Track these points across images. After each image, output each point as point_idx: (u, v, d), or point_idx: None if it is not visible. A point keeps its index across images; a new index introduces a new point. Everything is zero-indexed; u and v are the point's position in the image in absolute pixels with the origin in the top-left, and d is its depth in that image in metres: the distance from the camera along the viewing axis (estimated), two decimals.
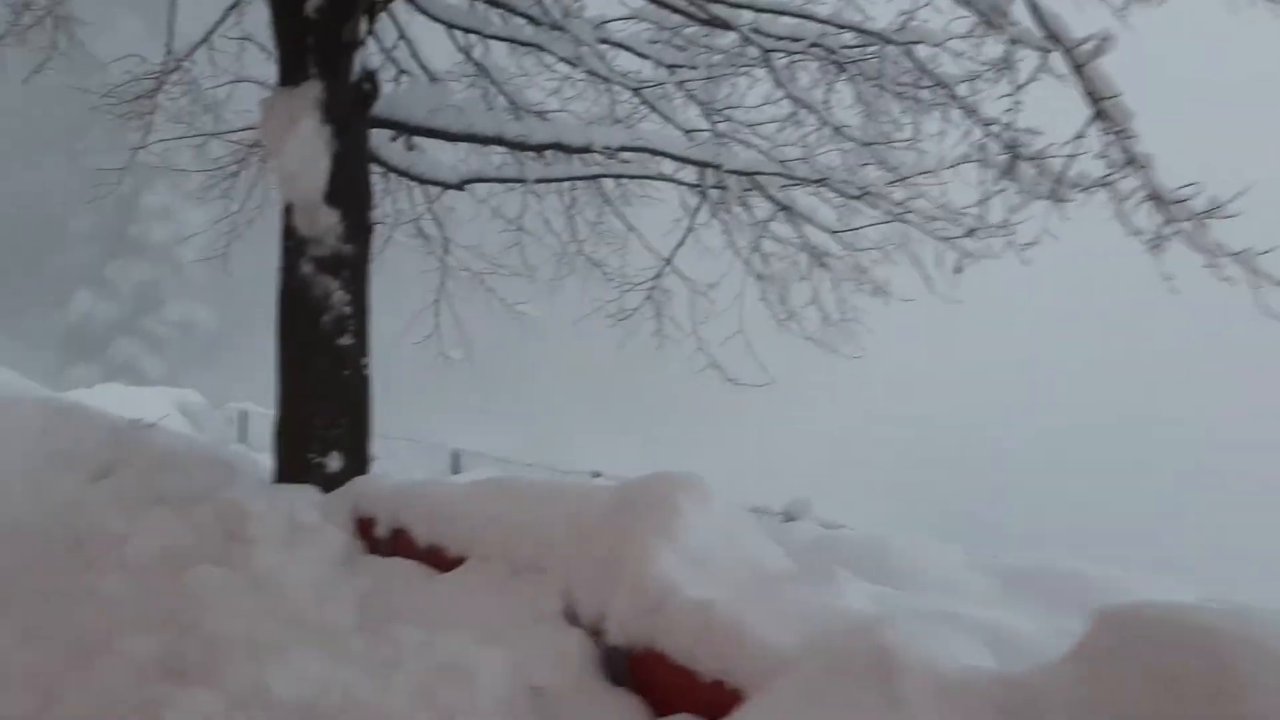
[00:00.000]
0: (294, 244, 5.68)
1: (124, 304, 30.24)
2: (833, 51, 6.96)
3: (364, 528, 4.49)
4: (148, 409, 13.15)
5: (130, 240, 30.20)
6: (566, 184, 8.56)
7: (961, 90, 6.23)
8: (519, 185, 8.65)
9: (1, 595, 5.28)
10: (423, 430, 14.68)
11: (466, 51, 7.99)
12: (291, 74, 5.61)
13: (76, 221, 31.43)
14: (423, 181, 7.82)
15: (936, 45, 6.55)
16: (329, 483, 5.48)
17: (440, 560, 4.02)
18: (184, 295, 30.87)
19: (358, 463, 5.78)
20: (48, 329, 30.38)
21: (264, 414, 16.39)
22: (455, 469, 12.15)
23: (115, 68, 8.19)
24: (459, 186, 7.69)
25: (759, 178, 7.76)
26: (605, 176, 8.08)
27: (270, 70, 8.42)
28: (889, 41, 6.32)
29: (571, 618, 3.34)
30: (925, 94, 6.61)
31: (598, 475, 10.57)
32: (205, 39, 7.78)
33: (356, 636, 3.71)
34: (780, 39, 6.87)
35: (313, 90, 5.48)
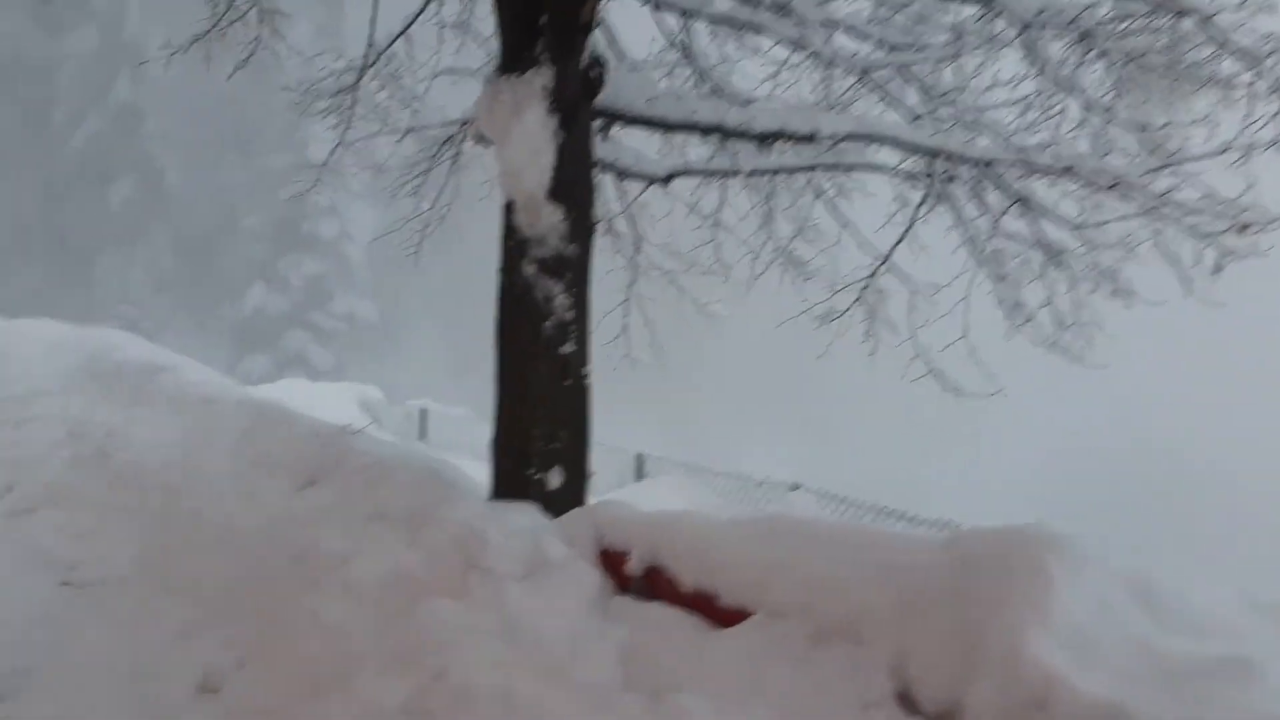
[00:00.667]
0: (515, 244, 5.27)
1: (294, 297, 31.34)
2: (1089, 27, 6.16)
3: (612, 562, 4.00)
4: (332, 405, 13.29)
5: (301, 235, 31.28)
6: (766, 177, 7.98)
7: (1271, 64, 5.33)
8: (718, 179, 8.14)
9: (219, 609, 5.05)
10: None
11: (673, 37, 7.49)
12: (516, 60, 5.17)
13: (250, 218, 32.81)
14: (626, 175, 7.35)
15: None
16: (549, 500, 5.06)
17: (711, 611, 3.49)
18: (349, 289, 31.84)
19: (578, 479, 5.35)
20: (223, 322, 31.80)
21: (443, 412, 16.49)
22: (640, 474, 11.74)
23: (291, 67, 8.04)
24: (665, 181, 7.19)
25: (995, 168, 7.00)
26: (823, 167, 7.43)
27: (466, 60, 8.16)
28: (1181, 12, 5.46)
29: (907, 704, 2.76)
30: (1212, 70, 5.74)
31: (796, 487, 9.91)
32: (406, 28, 7.50)
33: (629, 700, 3.22)
34: (1037, 14, 6.12)
35: (540, 78, 5.04)
